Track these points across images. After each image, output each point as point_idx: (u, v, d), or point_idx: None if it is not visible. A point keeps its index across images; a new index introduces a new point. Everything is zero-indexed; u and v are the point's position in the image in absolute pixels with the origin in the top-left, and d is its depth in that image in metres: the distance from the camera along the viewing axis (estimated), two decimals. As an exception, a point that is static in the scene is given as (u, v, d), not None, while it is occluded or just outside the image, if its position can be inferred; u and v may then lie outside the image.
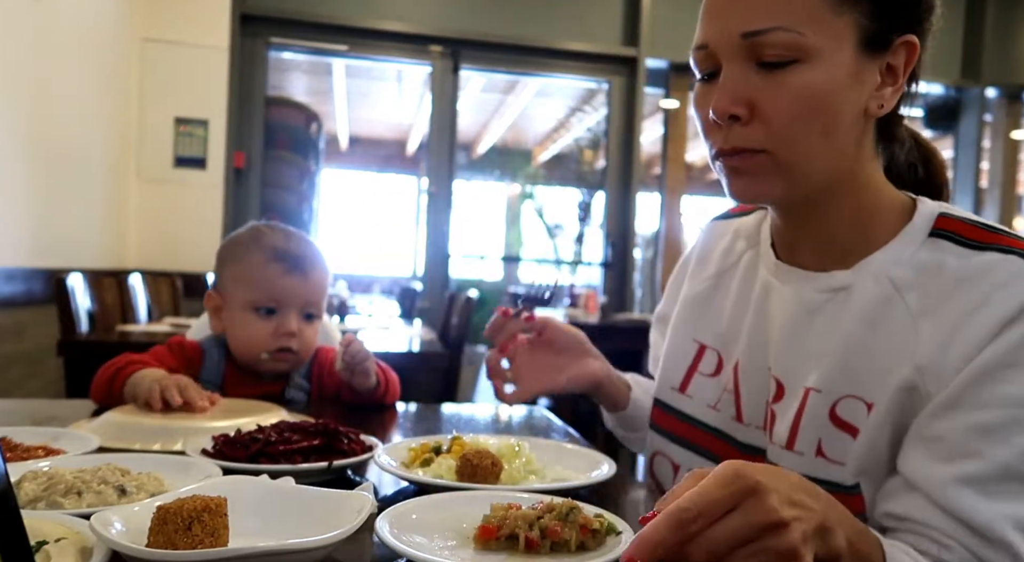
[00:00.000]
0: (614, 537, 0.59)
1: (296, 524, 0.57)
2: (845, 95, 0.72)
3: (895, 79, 0.75)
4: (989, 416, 0.67)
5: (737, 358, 0.89)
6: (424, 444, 0.85)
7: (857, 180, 0.78)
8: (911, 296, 0.74)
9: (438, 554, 0.56)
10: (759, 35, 0.71)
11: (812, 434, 0.77)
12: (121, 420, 0.95)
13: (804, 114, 0.72)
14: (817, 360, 0.79)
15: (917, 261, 0.75)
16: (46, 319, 2.67)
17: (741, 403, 0.87)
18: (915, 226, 0.77)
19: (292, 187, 5.20)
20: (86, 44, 3.43)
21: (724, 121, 0.74)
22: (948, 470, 0.68)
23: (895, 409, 0.73)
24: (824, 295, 0.80)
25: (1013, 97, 5.27)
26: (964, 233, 0.75)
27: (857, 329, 0.76)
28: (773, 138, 0.73)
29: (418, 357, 2.30)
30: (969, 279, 0.71)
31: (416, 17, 4.50)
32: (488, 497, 0.65)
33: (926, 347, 0.71)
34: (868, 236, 0.78)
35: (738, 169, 0.76)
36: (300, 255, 1.29)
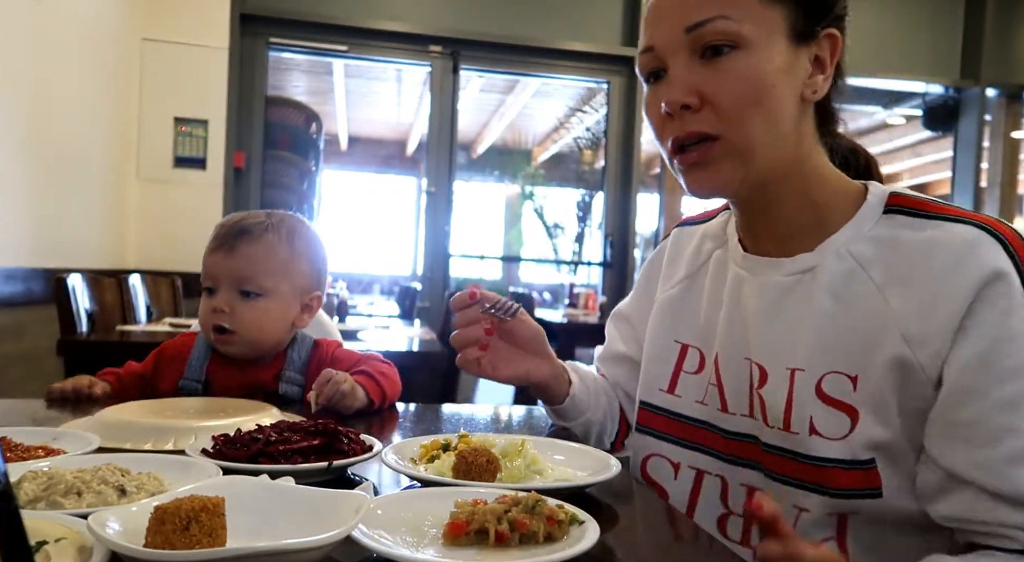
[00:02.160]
0: (578, 527, 0.60)
1: (295, 524, 0.57)
2: (782, 80, 0.79)
3: (823, 69, 0.83)
4: (1010, 390, 0.70)
5: (717, 351, 0.92)
6: (435, 441, 0.86)
7: (805, 166, 0.84)
8: (874, 269, 0.79)
9: (409, 550, 0.56)
10: (700, 26, 0.79)
11: (803, 413, 0.81)
12: (114, 419, 0.95)
13: (748, 96, 0.78)
14: (795, 341, 0.83)
15: (875, 236, 0.81)
16: (46, 319, 2.67)
17: (725, 394, 0.91)
18: (869, 205, 0.83)
19: (292, 187, 5.20)
20: (86, 44, 3.43)
21: (677, 111, 0.80)
22: (994, 453, 0.70)
23: (892, 383, 0.76)
24: (792, 278, 0.85)
25: (1013, 97, 5.27)
26: (916, 206, 0.81)
27: (827, 305, 0.81)
28: (723, 122, 0.79)
29: (418, 357, 2.30)
30: (930, 247, 0.76)
31: (416, 17, 4.50)
32: (456, 494, 0.65)
33: (906, 318, 0.75)
34: (826, 219, 0.84)
35: (695, 162, 0.82)
36: (233, 230, 1.24)
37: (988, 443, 0.71)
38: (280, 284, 1.25)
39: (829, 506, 0.80)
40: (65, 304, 2.32)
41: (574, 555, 0.54)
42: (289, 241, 1.26)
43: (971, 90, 5.13)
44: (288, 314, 1.27)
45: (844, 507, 0.79)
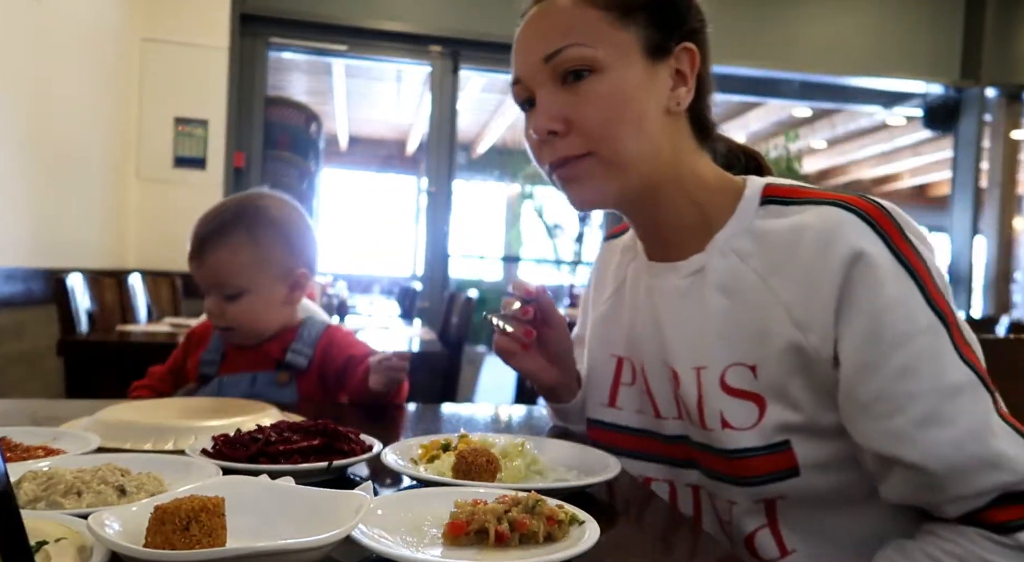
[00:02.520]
0: (578, 527, 0.60)
1: (294, 524, 0.57)
2: (642, 96, 0.83)
3: (685, 81, 0.86)
4: (901, 357, 0.73)
5: (643, 360, 0.95)
6: (435, 441, 0.86)
7: (682, 172, 0.87)
8: (753, 261, 0.83)
9: (409, 550, 0.56)
10: (557, 54, 0.83)
11: (714, 408, 0.84)
12: (114, 419, 0.95)
13: (611, 115, 0.82)
14: (696, 340, 0.86)
15: (753, 229, 0.84)
16: (46, 319, 2.67)
17: (655, 400, 0.94)
18: (747, 199, 0.86)
19: (292, 187, 5.20)
20: (86, 44, 3.43)
21: (546, 137, 0.85)
22: (902, 420, 0.73)
23: (790, 367, 0.79)
24: (688, 280, 0.88)
25: (1013, 97, 5.27)
26: (786, 194, 0.84)
27: (719, 302, 0.85)
28: (592, 141, 0.83)
29: (418, 357, 2.30)
30: (798, 232, 0.80)
31: (416, 17, 4.50)
32: (456, 494, 0.65)
33: (790, 304, 0.79)
34: (709, 219, 0.87)
35: (572, 177, 0.86)
36: (198, 238, 1.29)
37: (894, 413, 0.73)
38: (255, 277, 1.29)
39: (753, 494, 0.82)
40: (65, 304, 2.32)
41: (574, 555, 0.55)
42: (250, 233, 1.28)
43: (971, 90, 5.13)
44: (275, 299, 1.32)
45: (767, 493, 0.82)
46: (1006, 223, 5.24)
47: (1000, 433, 0.72)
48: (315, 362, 1.32)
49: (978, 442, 0.71)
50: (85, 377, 2.21)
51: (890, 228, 0.76)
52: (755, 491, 0.82)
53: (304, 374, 1.31)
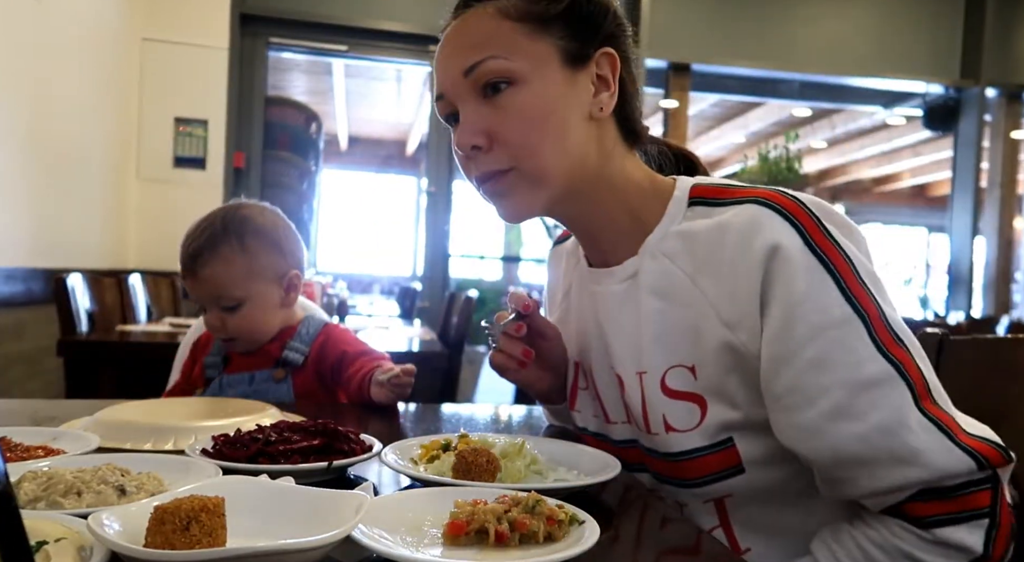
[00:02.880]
0: (578, 527, 0.60)
1: (295, 524, 0.57)
2: (563, 104, 0.83)
3: (607, 86, 0.85)
4: (813, 350, 0.73)
5: (591, 366, 0.95)
6: (435, 441, 0.86)
7: (611, 176, 0.87)
8: (682, 261, 0.83)
9: (409, 550, 0.56)
10: (475, 68, 0.83)
11: (657, 412, 0.84)
12: (113, 419, 0.95)
13: (532, 127, 0.82)
14: (636, 344, 0.86)
15: (680, 230, 0.85)
16: (46, 319, 2.67)
17: (604, 405, 0.94)
18: (675, 201, 0.87)
19: (292, 187, 5.21)
20: (86, 44, 3.43)
21: (470, 152, 0.84)
22: (812, 413, 0.73)
23: (726, 366, 0.80)
24: (624, 284, 0.88)
25: (1013, 97, 5.27)
26: (712, 195, 0.84)
27: (653, 305, 0.85)
28: (514, 155, 0.83)
29: (418, 357, 2.30)
30: (720, 231, 0.80)
31: (416, 17, 4.50)
32: (456, 494, 0.66)
33: (719, 303, 0.79)
34: (642, 222, 0.87)
35: (497, 192, 0.86)
36: (189, 255, 1.30)
37: (804, 406, 0.74)
38: (251, 286, 1.30)
39: (701, 495, 0.83)
40: (65, 304, 2.32)
41: (574, 555, 0.55)
42: (240, 243, 1.29)
43: (971, 90, 5.13)
44: (272, 304, 1.34)
45: (714, 492, 0.83)
46: (1006, 223, 5.24)
47: (917, 428, 0.70)
48: (311, 359, 1.33)
49: (889, 436, 0.70)
50: (85, 377, 2.21)
51: (807, 221, 0.76)
52: (702, 491, 0.83)
53: (300, 370, 1.32)
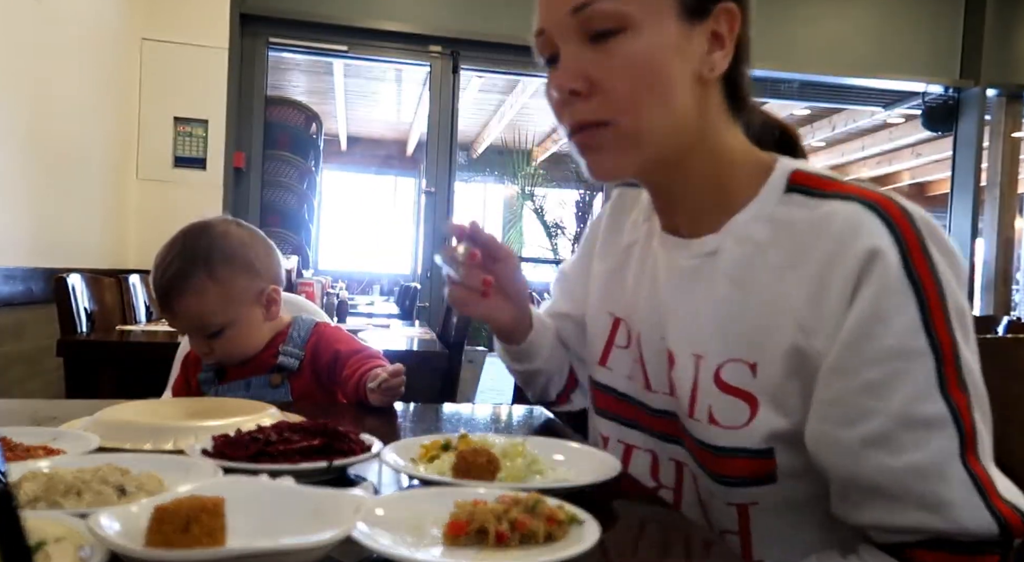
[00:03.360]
0: (578, 527, 0.60)
1: (295, 524, 0.57)
2: (673, 60, 0.76)
3: (722, 44, 0.78)
4: (876, 373, 0.69)
5: (639, 329, 0.91)
6: (435, 441, 0.86)
7: (709, 144, 0.81)
8: (771, 252, 0.77)
9: (409, 550, 0.56)
10: (585, 7, 0.76)
11: (704, 401, 0.80)
12: (113, 419, 0.95)
13: (637, 80, 0.75)
14: (698, 326, 0.82)
15: (774, 217, 0.79)
16: (46, 319, 2.67)
17: (648, 372, 0.90)
18: (772, 183, 0.80)
19: (292, 187, 5.21)
20: (86, 44, 3.43)
21: (566, 97, 0.77)
22: (850, 433, 0.69)
23: (789, 371, 0.74)
24: (697, 260, 0.83)
25: (1013, 97, 5.27)
26: (813, 184, 0.78)
27: (728, 291, 0.80)
28: (613, 108, 0.76)
29: (418, 357, 2.30)
30: (817, 228, 0.74)
31: (416, 17, 4.50)
32: (456, 494, 0.65)
33: (801, 305, 0.74)
34: (730, 198, 0.81)
35: (589, 146, 0.80)
36: (160, 290, 1.28)
37: (847, 423, 0.69)
38: (228, 310, 1.27)
39: (724, 495, 0.79)
40: (65, 304, 2.32)
41: (574, 555, 0.55)
42: (210, 273, 1.26)
43: (971, 90, 5.13)
44: (255, 322, 1.31)
45: (739, 496, 0.78)
46: (1006, 223, 5.24)
47: (953, 480, 0.65)
48: (306, 361, 1.32)
49: (922, 480, 0.66)
50: (85, 377, 2.21)
51: (910, 237, 0.70)
52: (727, 492, 0.79)
53: (297, 374, 1.31)
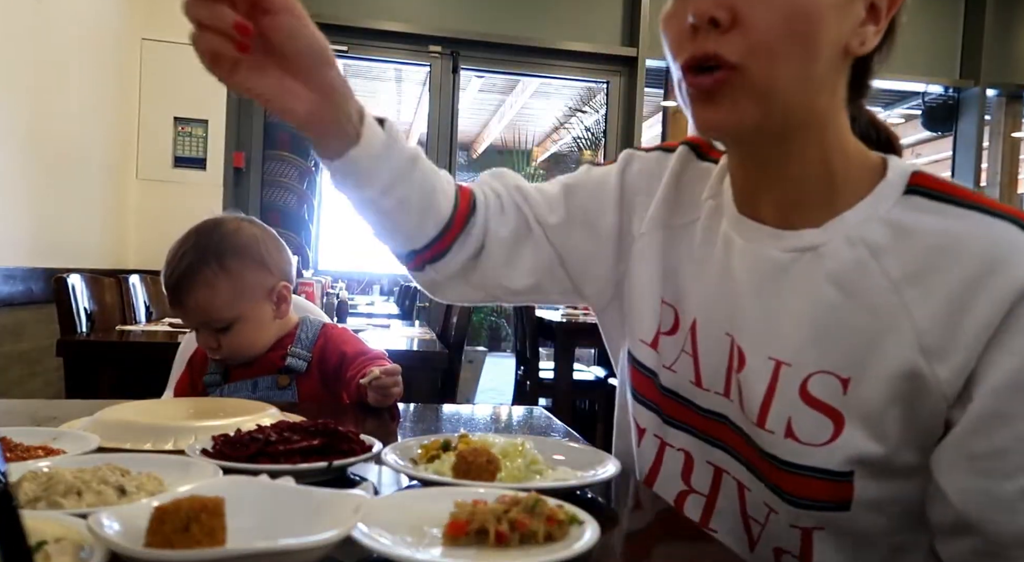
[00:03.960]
0: (578, 527, 0.60)
1: (295, 524, 0.57)
2: (829, 20, 0.66)
3: (877, 19, 0.69)
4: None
5: (695, 317, 0.81)
6: (435, 441, 0.86)
7: (828, 125, 0.71)
8: (889, 260, 0.68)
9: (409, 550, 0.56)
10: None
11: (782, 412, 0.72)
12: (113, 419, 0.95)
13: (786, 28, 0.65)
14: (785, 329, 0.72)
15: (893, 220, 0.69)
16: (46, 319, 2.67)
17: (700, 367, 0.80)
18: (889, 182, 0.71)
19: (292, 187, 5.20)
20: (86, 44, 3.43)
21: (704, 24, 0.66)
22: (1012, 487, 0.63)
23: (894, 394, 0.67)
24: (790, 254, 0.73)
25: (1013, 97, 5.27)
26: (942, 189, 0.69)
27: (830, 295, 0.70)
28: (751, 51, 0.65)
29: (417, 357, 2.30)
30: (957, 241, 0.66)
31: (415, 17, 4.50)
32: (456, 494, 0.66)
33: (926, 324, 0.65)
34: (837, 191, 0.72)
35: (708, 92, 0.68)
36: (171, 283, 1.28)
37: (1005, 476, 0.63)
38: (239, 306, 1.28)
39: (792, 516, 0.72)
40: (65, 304, 2.32)
41: (574, 555, 0.55)
42: (222, 266, 1.27)
43: (970, 90, 5.13)
44: (265, 318, 1.32)
45: (808, 520, 0.71)
46: (1006, 223, 5.24)
47: None
48: (313, 363, 1.33)
49: None
50: (85, 377, 2.21)
51: None
52: (795, 513, 0.72)
53: (304, 375, 1.32)
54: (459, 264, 0.88)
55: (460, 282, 0.91)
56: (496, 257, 0.89)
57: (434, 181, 0.84)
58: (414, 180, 0.81)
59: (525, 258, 0.90)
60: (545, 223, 0.90)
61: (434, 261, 0.87)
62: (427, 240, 0.85)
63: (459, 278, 0.90)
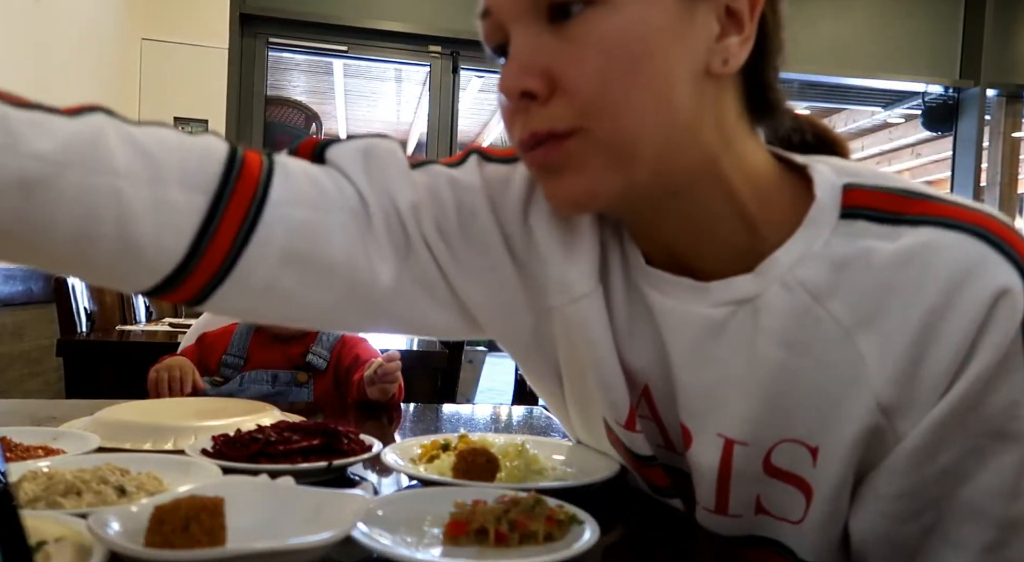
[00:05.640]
0: (578, 526, 0.60)
1: (294, 524, 0.57)
2: (668, 45, 0.54)
3: (739, 27, 0.56)
4: (999, 423, 0.53)
5: (645, 381, 0.68)
6: (435, 441, 0.86)
7: (723, 161, 0.59)
8: (834, 304, 0.57)
9: (408, 550, 0.56)
10: None
11: (747, 492, 0.63)
12: (113, 419, 0.95)
13: (616, 68, 0.54)
14: (730, 399, 0.61)
15: (833, 255, 0.57)
16: (46, 319, 2.67)
17: (669, 434, 0.69)
18: (820, 208, 0.59)
19: (292, 187, 5.20)
20: (86, 44, 3.43)
21: (517, 101, 0.56)
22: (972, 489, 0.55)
23: (855, 458, 0.57)
24: (724, 310, 0.61)
25: (1013, 97, 5.27)
26: (884, 206, 0.58)
27: (776, 356, 0.59)
28: (584, 110, 0.55)
29: (417, 357, 2.29)
30: (903, 269, 0.55)
31: (415, 17, 4.50)
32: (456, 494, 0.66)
33: (881, 377, 0.55)
34: (759, 230, 0.60)
35: (551, 164, 0.57)
36: None
37: (967, 475, 0.55)
38: None
39: None
40: (65, 304, 2.32)
41: (574, 555, 0.55)
42: None
43: (971, 90, 5.13)
44: None
45: None
46: (1006, 223, 5.24)
47: None
48: (331, 363, 1.40)
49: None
50: (85, 377, 2.21)
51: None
52: None
53: (321, 375, 1.38)
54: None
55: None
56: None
57: (114, 204, 0.53)
58: (27, 220, 0.50)
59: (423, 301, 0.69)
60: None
61: (199, 303, 0.61)
62: (145, 287, 0.58)
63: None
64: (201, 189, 0.56)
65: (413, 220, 0.66)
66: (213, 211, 0.56)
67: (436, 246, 0.67)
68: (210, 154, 0.58)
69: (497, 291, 0.69)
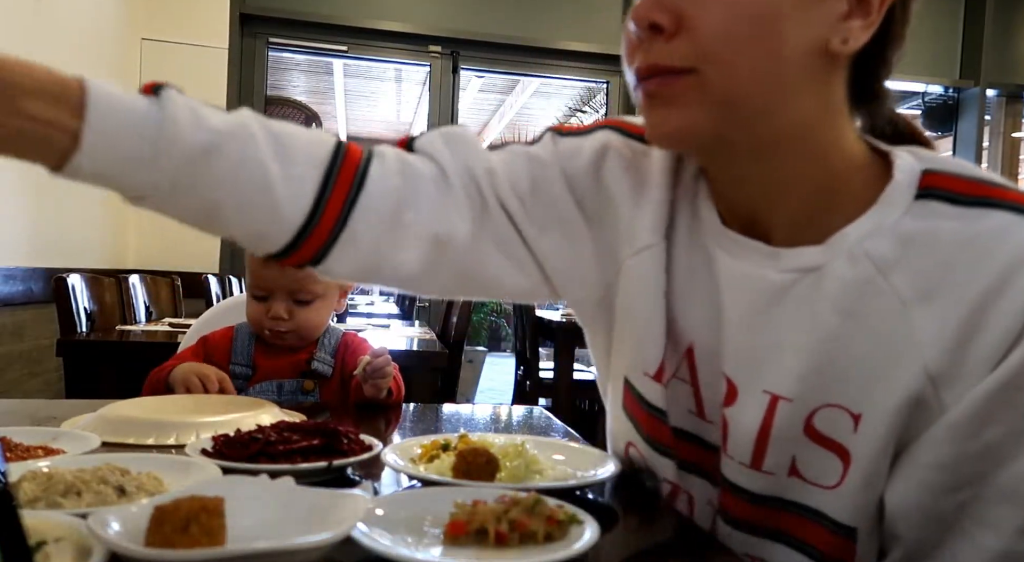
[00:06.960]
0: (578, 526, 0.60)
1: (294, 524, 0.57)
2: (794, 11, 0.58)
3: (867, 11, 0.60)
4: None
5: (691, 341, 0.71)
6: (435, 441, 0.86)
7: (819, 136, 0.63)
8: (898, 277, 0.60)
9: (408, 550, 0.56)
10: None
11: (784, 452, 0.64)
12: (115, 416, 0.96)
13: (738, 30, 0.58)
14: (782, 359, 0.64)
15: (902, 231, 0.61)
16: (46, 319, 2.67)
17: (702, 398, 0.71)
18: (897, 186, 0.62)
19: (292, 187, 5.19)
20: (86, 44, 3.43)
21: (644, 32, 0.60)
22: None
23: (898, 427, 0.59)
24: (789, 276, 0.64)
25: (1013, 97, 5.27)
26: (958, 188, 0.61)
27: (832, 323, 0.62)
28: (702, 54, 0.59)
29: (417, 357, 2.30)
30: (971, 250, 0.58)
31: (415, 17, 4.50)
32: (456, 494, 0.66)
33: (932, 347, 0.58)
34: (838, 203, 0.64)
35: (658, 95, 0.61)
36: None
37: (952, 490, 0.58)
38: (328, 283, 1.35)
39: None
40: (65, 304, 2.32)
41: (574, 555, 0.55)
42: None
43: (970, 90, 5.13)
44: (333, 305, 1.41)
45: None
46: (1006, 223, 5.24)
47: None
48: (336, 369, 1.38)
49: None
50: (85, 377, 2.21)
51: None
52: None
53: (327, 382, 1.37)
54: (360, 265, 0.71)
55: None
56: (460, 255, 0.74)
57: (261, 174, 0.64)
58: (204, 182, 0.62)
59: (492, 255, 0.75)
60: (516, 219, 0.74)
61: (317, 263, 0.70)
62: (279, 246, 0.68)
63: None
64: (318, 165, 0.67)
65: (488, 183, 0.74)
66: (326, 182, 0.67)
67: (511, 205, 0.74)
68: (323, 141, 0.69)
69: (569, 251, 0.75)
